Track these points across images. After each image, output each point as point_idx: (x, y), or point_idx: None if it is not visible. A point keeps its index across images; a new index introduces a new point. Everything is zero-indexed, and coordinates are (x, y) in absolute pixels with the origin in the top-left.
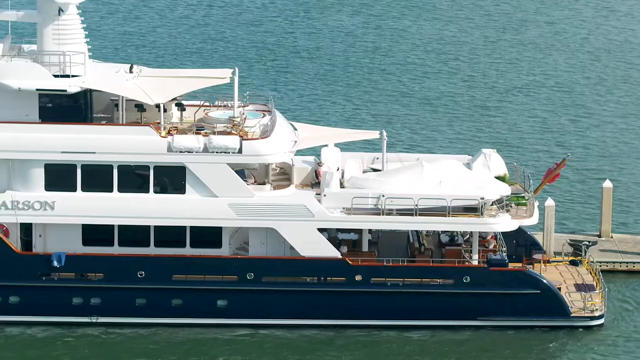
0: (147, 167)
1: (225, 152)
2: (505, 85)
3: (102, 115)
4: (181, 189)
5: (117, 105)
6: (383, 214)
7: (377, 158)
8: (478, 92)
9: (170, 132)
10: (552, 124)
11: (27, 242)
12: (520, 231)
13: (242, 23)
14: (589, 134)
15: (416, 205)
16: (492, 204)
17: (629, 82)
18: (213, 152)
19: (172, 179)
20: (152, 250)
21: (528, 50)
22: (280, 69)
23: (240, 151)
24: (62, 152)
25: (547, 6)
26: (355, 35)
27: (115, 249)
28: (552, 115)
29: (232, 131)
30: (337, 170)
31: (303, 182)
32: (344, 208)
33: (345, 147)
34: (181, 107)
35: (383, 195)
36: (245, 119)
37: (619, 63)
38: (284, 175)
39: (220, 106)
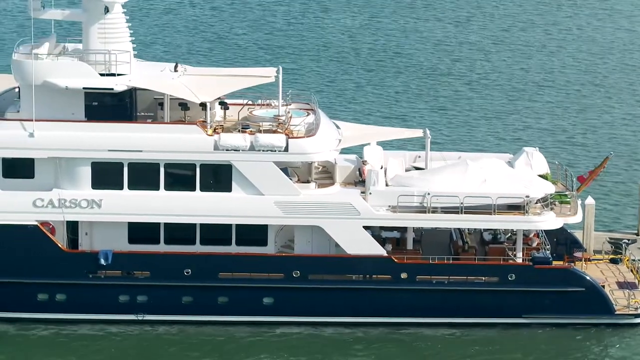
0: (193, 166)
1: (271, 151)
2: (543, 83)
3: (145, 113)
4: (227, 187)
5: (160, 104)
6: (429, 212)
7: (419, 156)
8: (515, 90)
9: (216, 130)
10: (592, 122)
11: (73, 240)
12: (560, 229)
13: (275, 21)
14: (628, 132)
15: (462, 203)
16: (536, 202)
17: None
18: (259, 151)
19: (218, 177)
20: (197, 248)
21: (565, 49)
22: (318, 68)
23: (286, 149)
24: (109, 150)
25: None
26: (393, 34)
27: (161, 247)
28: (591, 113)
29: (278, 129)
30: (381, 168)
31: (345, 180)
32: (389, 206)
33: (384, 145)
34: (224, 105)
35: (429, 193)
36: (290, 117)
37: None
38: (327, 174)
39: (263, 105)
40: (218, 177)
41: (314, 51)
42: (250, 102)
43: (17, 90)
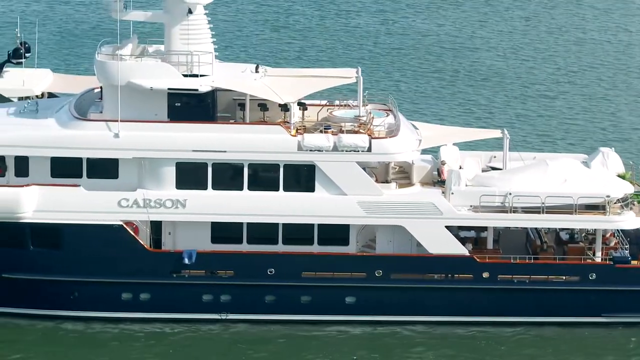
0: (277, 166)
1: (354, 151)
2: (611, 83)
3: (223, 114)
4: (310, 187)
5: (240, 105)
6: (510, 212)
7: (495, 156)
8: (583, 90)
9: (299, 131)
10: None
11: (156, 240)
12: (633, 229)
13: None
14: None
15: (543, 203)
16: (615, 202)
17: None
18: (342, 151)
19: (301, 178)
20: (279, 247)
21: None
22: (390, 68)
23: (369, 150)
24: (194, 150)
25: None
26: (467, 33)
27: (244, 247)
28: None
29: (360, 130)
30: (460, 168)
31: (422, 180)
32: (471, 206)
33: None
34: (303, 106)
35: (510, 193)
36: (372, 118)
37: None
38: (404, 174)
39: (341, 105)
40: (301, 177)
41: (371, 53)
42: (328, 103)
43: (96, 91)
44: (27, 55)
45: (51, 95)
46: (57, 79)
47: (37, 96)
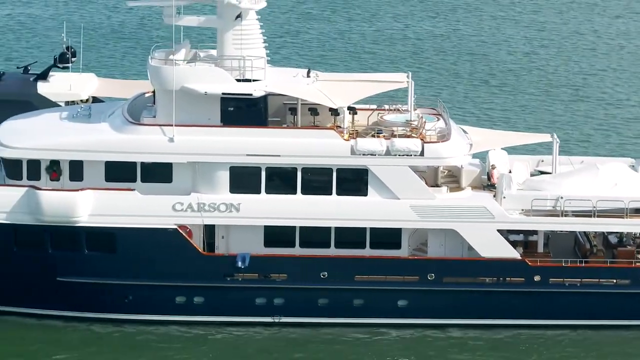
0: (330, 170)
1: (407, 155)
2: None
3: (274, 118)
4: (363, 191)
5: (290, 109)
6: (562, 216)
7: (542, 160)
8: (627, 92)
9: (352, 135)
10: None
11: (209, 243)
12: None
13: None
14: None
15: (594, 207)
16: None
17: None
18: (395, 155)
19: (354, 182)
20: (332, 251)
21: None
22: (436, 72)
23: (422, 154)
24: (248, 155)
25: None
26: (514, 36)
27: (296, 250)
28: None
29: (412, 134)
30: (510, 172)
31: (471, 184)
32: (522, 210)
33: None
34: (353, 110)
35: (562, 197)
36: (424, 122)
37: None
38: (452, 178)
39: (391, 110)
40: (354, 181)
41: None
42: (378, 107)
43: (147, 95)
44: (73, 59)
45: (95, 99)
46: (102, 83)
47: (81, 100)
